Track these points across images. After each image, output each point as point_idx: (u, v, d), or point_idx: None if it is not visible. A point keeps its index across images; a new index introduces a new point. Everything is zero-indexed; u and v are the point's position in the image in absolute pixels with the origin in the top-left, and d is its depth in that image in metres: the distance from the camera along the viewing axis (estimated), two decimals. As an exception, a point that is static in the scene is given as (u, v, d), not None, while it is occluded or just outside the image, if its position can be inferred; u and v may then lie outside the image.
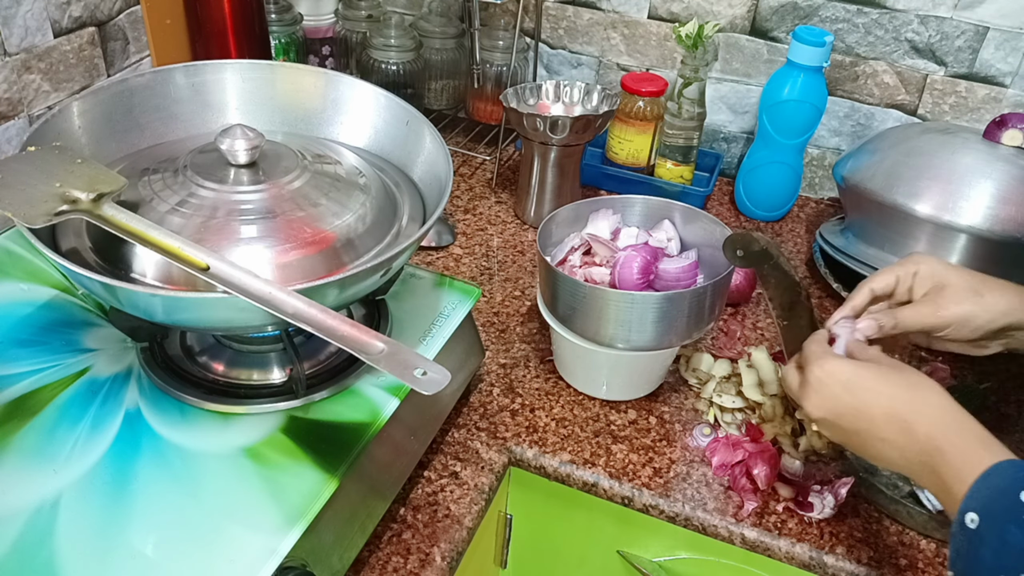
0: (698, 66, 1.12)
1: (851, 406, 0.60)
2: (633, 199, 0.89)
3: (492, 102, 1.27)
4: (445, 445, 0.80)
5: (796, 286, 0.71)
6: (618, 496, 0.78)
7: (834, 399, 0.61)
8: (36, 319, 0.71)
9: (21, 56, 0.88)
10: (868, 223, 0.98)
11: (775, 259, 0.70)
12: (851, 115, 1.19)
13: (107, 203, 0.58)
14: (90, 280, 0.54)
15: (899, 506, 0.74)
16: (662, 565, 0.83)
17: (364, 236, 0.65)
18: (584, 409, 0.85)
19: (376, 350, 0.55)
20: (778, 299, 0.72)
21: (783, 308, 0.72)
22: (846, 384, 0.60)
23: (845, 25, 1.13)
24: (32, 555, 0.52)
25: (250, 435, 0.61)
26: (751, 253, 0.71)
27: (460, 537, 0.72)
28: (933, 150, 0.94)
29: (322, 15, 1.27)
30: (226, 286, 0.54)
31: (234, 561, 0.53)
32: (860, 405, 0.59)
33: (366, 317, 0.74)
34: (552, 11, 1.27)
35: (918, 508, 0.74)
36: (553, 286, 0.80)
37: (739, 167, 1.20)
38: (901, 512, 0.75)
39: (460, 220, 1.13)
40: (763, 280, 0.72)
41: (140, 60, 1.05)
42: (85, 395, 0.63)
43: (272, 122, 0.77)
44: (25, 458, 0.58)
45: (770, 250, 0.70)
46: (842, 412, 0.60)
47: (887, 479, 0.76)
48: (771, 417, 0.82)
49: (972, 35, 1.08)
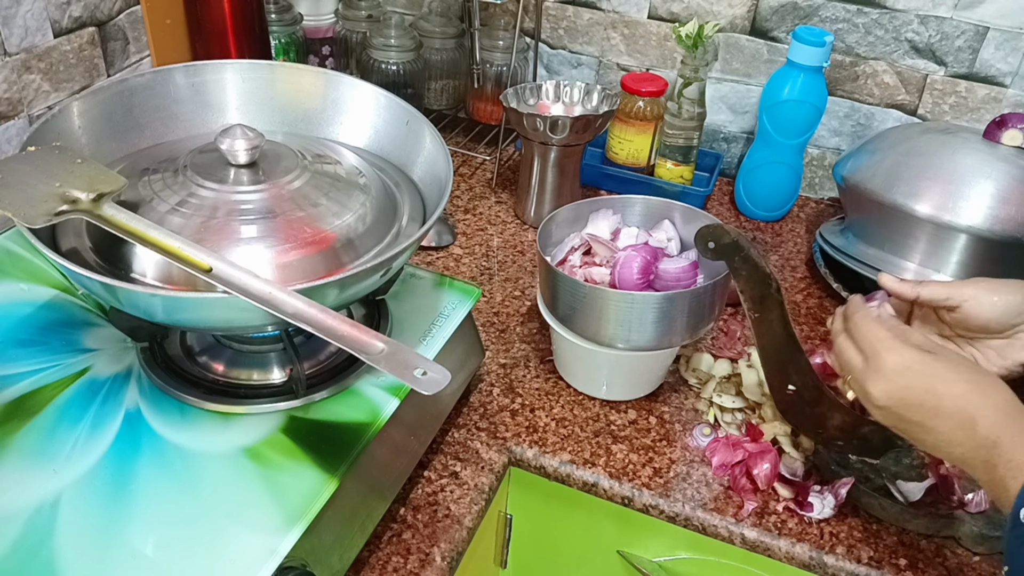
0: (698, 66, 1.12)
1: (919, 397, 0.59)
2: (633, 199, 0.89)
3: (492, 102, 1.27)
4: (445, 445, 0.80)
5: (767, 278, 0.71)
6: (618, 496, 0.78)
7: (905, 389, 0.60)
8: (36, 319, 0.71)
9: (21, 56, 0.88)
10: (868, 223, 0.98)
11: (745, 251, 0.71)
12: (851, 115, 1.19)
13: (107, 203, 0.58)
14: (90, 280, 0.54)
15: (871, 498, 0.75)
16: (662, 565, 0.83)
17: (364, 236, 0.65)
18: (584, 409, 0.85)
19: (376, 350, 0.55)
20: (749, 291, 0.72)
21: (754, 301, 0.72)
22: (920, 374, 0.59)
23: (845, 25, 1.13)
24: (32, 555, 0.52)
25: (250, 435, 0.61)
26: (722, 245, 0.72)
27: (460, 537, 0.72)
28: (933, 150, 0.94)
29: (322, 15, 1.27)
30: (226, 286, 0.54)
31: (234, 561, 0.53)
32: (929, 397, 0.59)
33: (366, 317, 0.74)
34: (552, 11, 1.27)
35: (890, 500, 0.74)
36: (553, 286, 0.80)
37: (739, 167, 1.20)
38: (874, 504, 0.75)
39: (460, 220, 1.13)
40: (734, 272, 0.72)
41: (140, 60, 1.05)
42: (85, 395, 0.63)
43: (272, 122, 0.77)
44: (25, 458, 0.58)
45: (740, 242, 0.71)
46: (910, 402, 0.60)
47: (859, 472, 0.76)
48: (771, 417, 0.82)
49: (972, 35, 1.08)
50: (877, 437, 0.72)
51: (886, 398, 0.61)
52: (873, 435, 0.72)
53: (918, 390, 0.59)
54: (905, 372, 0.60)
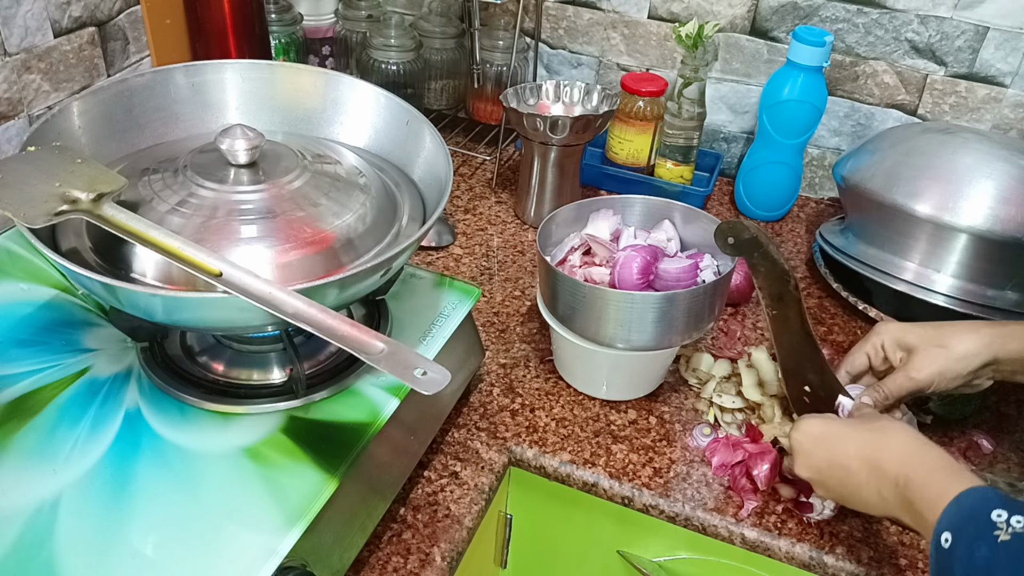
0: (698, 66, 1.12)
1: (826, 459, 0.64)
2: (633, 199, 0.89)
3: (492, 102, 1.27)
4: (445, 445, 0.80)
5: (785, 275, 0.71)
6: (618, 496, 0.78)
7: (811, 455, 0.65)
8: (36, 319, 0.71)
9: (21, 56, 0.88)
10: (868, 223, 0.98)
11: (764, 247, 0.71)
12: (851, 115, 1.19)
13: (107, 203, 0.58)
14: (90, 280, 0.54)
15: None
16: (662, 565, 0.83)
17: (364, 236, 0.65)
18: (584, 409, 0.85)
19: (376, 350, 0.55)
20: (767, 288, 0.73)
21: (772, 298, 0.73)
22: (819, 439, 0.65)
23: (845, 25, 1.13)
24: (32, 555, 0.52)
25: (250, 435, 0.61)
26: (741, 241, 0.72)
27: (460, 537, 0.72)
28: (933, 150, 0.94)
29: (322, 15, 1.27)
30: (226, 286, 0.54)
31: (234, 561, 0.53)
32: (834, 456, 0.64)
33: (366, 317, 0.74)
34: (552, 11, 1.27)
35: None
36: (553, 286, 0.80)
37: (739, 167, 1.20)
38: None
39: (460, 220, 1.13)
40: (753, 269, 0.73)
41: (140, 60, 1.05)
42: (85, 395, 0.63)
43: (272, 122, 0.77)
44: (25, 458, 0.58)
45: (760, 238, 0.71)
46: (821, 467, 0.64)
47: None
48: (771, 418, 0.82)
49: (972, 35, 1.08)
50: None
51: (804, 470, 0.66)
52: None
53: (821, 454, 0.65)
54: (805, 441, 0.66)
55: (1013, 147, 0.92)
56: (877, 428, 0.63)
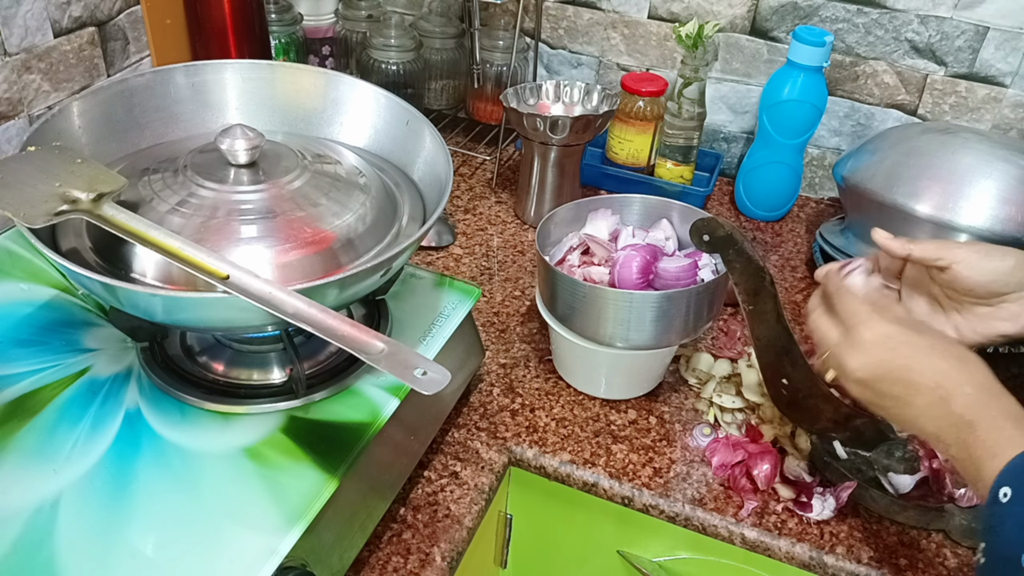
0: (698, 66, 1.12)
1: (896, 372, 0.59)
2: (631, 198, 0.89)
3: (492, 102, 1.27)
4: (445, 445, 0.80)
5: (760, 271, 0.72)
6: (618, 496, 0.78)
7: (883, 363, 0.59)
8: (36, 319, 0.71)
9: (21, 56, 0.88)
10: (868, 223, 0.98)
11: (739, 244, 0.71)
12: (851, 115, 1.19)
13: (107, 203, 0.58)
14: (90, 280, 0.54)
15: (862, 489, 0.75)
16: (662, 565, 0.83)
17: (364, 236, 0.65)
18: (584, 409, 0.85)
19: (376, 350, 0.54)
20: (743, 284, 0.73)
21: (748, 293, 0.73)
22: (899, 348, 0.59)
23: (845, 25, 1.13)
24: (32, 555, 0.52)
25: (250, 435, 0.61)
26: (716, 238, 0.73)
27: (460, 537, 0.72)
28: (933, 150, 0.94)
29: (322, 15, 1.27)
30: (225, 286, 0.54)
31: (234, 561, 0.53)
32: (906, 372, 0.58)
33: (366, 317, 0.74)
34: (552, 11, 1.27)
35: (880, 492, 0.75)
36: (552, 285, 0.80)
37: (739, 167, 1.20)
38: (865, 496, 0.75)
39: (460, 220, 1.13)
40: (728, 266, 0.73)
41: (140, 60, 1.05)
42: (85, 395, 0.63)
43: (272, 122, 0.77)
44: (25, 458, 0.58)
45: (735, 235, 0.71)
46: (885, 376, 0.59)
47: (851, 463, 0.76)
48: (771, 418, 0.82)
49: (972, 35, 1.08)
50: (869, 430, 0.72)
51: (864, 371, 0.60)
52: (865, 427, 0.72)
53: (897, 364, 0.59)
54: (884, 345, 0.60)
55: (1013, 147, 0.92)
56: (958, 357, 0.58)
